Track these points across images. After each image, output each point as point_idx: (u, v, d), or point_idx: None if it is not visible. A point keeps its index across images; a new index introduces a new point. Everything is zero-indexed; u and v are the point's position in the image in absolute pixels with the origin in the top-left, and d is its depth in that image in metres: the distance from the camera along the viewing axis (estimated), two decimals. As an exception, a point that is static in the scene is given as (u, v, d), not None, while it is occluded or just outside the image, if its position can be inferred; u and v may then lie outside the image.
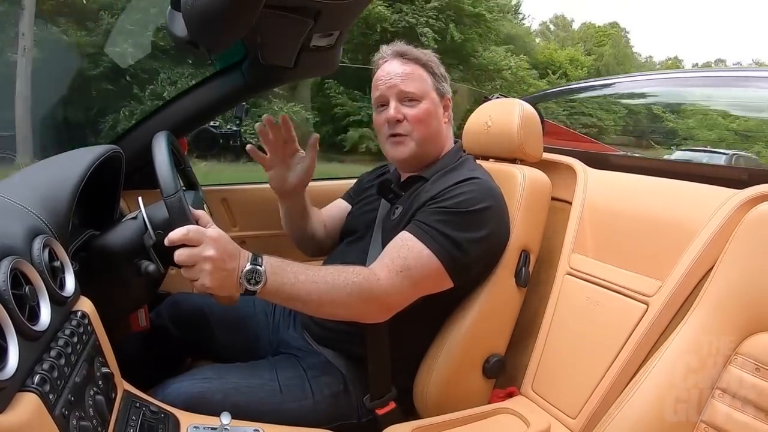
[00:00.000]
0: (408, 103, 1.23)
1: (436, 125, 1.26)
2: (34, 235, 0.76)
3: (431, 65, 1.27)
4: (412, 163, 1.27)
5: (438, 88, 1.27)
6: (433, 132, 1.25)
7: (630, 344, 1.03)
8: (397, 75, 1.24)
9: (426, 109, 1.23)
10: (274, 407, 1.10)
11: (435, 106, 1.25)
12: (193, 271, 0.91)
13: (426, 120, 1.23)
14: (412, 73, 1.24)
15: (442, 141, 1.29)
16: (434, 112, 1.25)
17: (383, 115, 1.25)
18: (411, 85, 1.23)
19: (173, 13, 1.10)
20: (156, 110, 1.61)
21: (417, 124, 1.23)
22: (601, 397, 1.04)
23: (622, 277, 1.12)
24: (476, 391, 1.25)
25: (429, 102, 1.24)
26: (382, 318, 1.10)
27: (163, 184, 0.95)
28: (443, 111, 1.28)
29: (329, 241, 1.46)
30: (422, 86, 1.24)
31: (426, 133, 1.24)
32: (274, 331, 1.36)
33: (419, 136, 1.23)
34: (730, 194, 1.01)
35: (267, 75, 1.56)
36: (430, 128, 1.24)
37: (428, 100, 1.24)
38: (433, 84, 1.26)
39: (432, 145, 1.26)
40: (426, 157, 1.27)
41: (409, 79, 1.23)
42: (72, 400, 0.67)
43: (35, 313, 0.68)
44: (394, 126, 1.24)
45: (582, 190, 1.31)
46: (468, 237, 1.10)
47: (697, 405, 0.81)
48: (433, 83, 1.26)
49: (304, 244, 1.46)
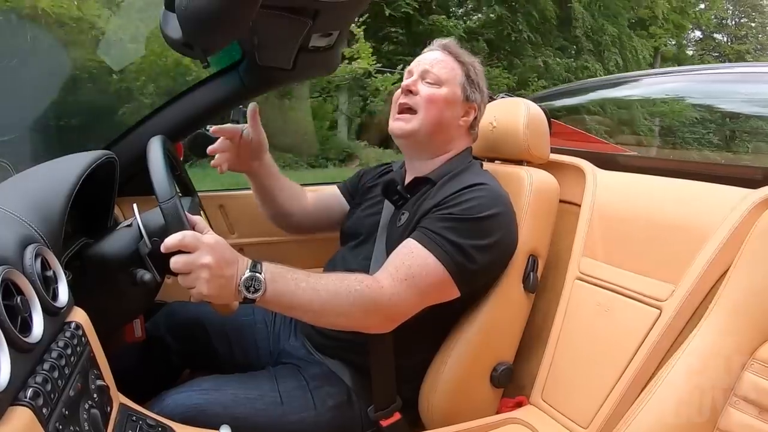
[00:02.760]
0: (428, 83, 1.24)
1: (449, 118, 1.25)
2: (26, 244, 0.75)
3: (469, 68, 1.28)
4: (410, 142, 1.27)
5: (466, 89, 1.26)
6: (443, 121, 1.24)
7: (643, 351, 1.03)
8: (430, 60, 1.27)
9: (443, 95, 1.23)
10: (275, 419, 1.10)
11: (455, 99, 1.25)
12: (189, 279, 0.91)
13: (438, 104, 1.23)
14: (444, 61, 1.26)
15: (449, 138, 1.27)
16: (451, 102, 1.24)
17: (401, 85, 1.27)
18: (437, 69, 1.25)
19: (167, 14, 1.10)
20: (151, 114, 1.60)
21: (429, 102, 1.23)
22: (614, 406, 1.04)
23: (633, 281, 1.11)
24: (484, 400, 1.24)
25: (449, 92, 1.24)
26: (385, 329, 1.09)
27: (158, 189, 0.95)
28: (463, 114, 1.27)
29: (309, 221, 1.48)
30: (449, 75, 1.25)
31: (434, 118, 1.23)
32: (275, 341, 1.36)
33: (426, 116, 1.23)
34: (744, 194, 1.01)
35: (265, 77, 1.56)
36: (441, 115, 1.23)
37: (449, 89, 1.24)
38: (463, 83, 1.26)
39: (437, 135, 1.25)
40: (429, 144, 1.26)
41: (439, 65, 1.25)
42: (66, 415, 0.67)
43: (27, 324, 0.67)
44: (407, 96, 1.25)
45: (591, 192, 1.30)
46: (475, 244, 1.09)
47: (712, 413, 0.81)
48: (463, 82, 1.26)
49: (278, 220, 1.48)
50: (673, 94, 2.26)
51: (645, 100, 2.43)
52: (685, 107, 2.22)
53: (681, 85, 2.09)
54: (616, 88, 2.52)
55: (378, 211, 1.30)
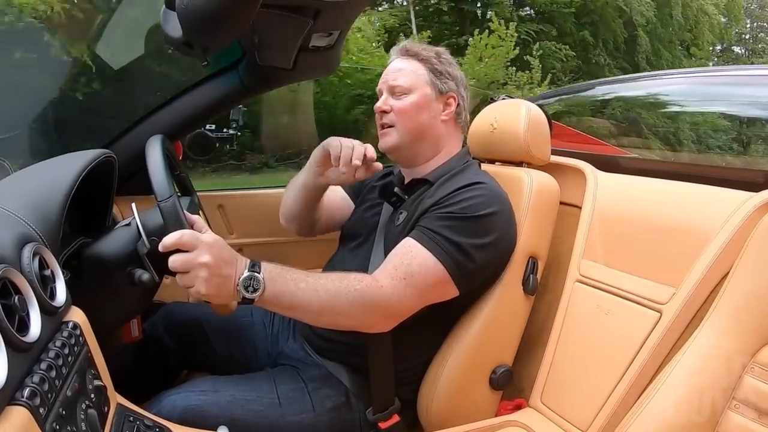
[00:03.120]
0: (397, 96, 1.26)
1: (427, 120, 1.26)
2: (24, 242, 0.75)
3: (432, 61, 1.28)
4: (400, 155, 1.29)
5: (435, 83, 1.27)
6: (422, 126, 1.26)
7: (643, 354, 1.03)
8: (392, 71, 1.28)
9: (413, 102, 1.25)
10: (273, 421, 1.10)
11: (426, 100, 1.26)
12: (187, 278, 0.91)
13: (410, 112, 1.25)
14: (405, 69, 1.27)
15: (437, 137, 1.28)
16: (423, 105, 1.26)
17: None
18: (401, 79, 1.26)
19: (167, 12, 1.10)
20: (150, 113, 1.60)
21: (401, 115, 1.25)
22: (613, 409, 1.04)
23: (634, 284, 1.11)
24: (483, 403, 1.24)
25: (419, 95, 1.25)
26: (385, 328, 1.09)
27: (156, 188, 0.95)
28: (443, 108, 1.28)
29: (321, 223, 1.46)
30: (413, 80, 1.26)
31: (411, 126, 1.25)
32: (273, 343, 1.36)
33: (403, 127, 1.25)
34: (746, 197, 1.01)
35: (265, 76, 1.56)
36: (416, 120, 1.25)
37: (418, 93, 1.25)
38: (430, 79, 1.27)
39: (421, 140, 1.27)
40: (416, 151, 1.28)
41: (401, 74, 1.27)
42: (63, 414, 0.66)
43: (25, 323, 0.67)
44: (381, 116, 1.27)
45: (592, 194, 1.30)
46: (474, 243, 1.10)
47: (712, 416, 0.80)
48: (429, 78, 1.27)
49: (303, 227, 1.46)
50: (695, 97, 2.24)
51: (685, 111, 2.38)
52: (717, 117, 2.21)
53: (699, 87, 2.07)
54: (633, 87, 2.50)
55: (378, 212, 1.31)
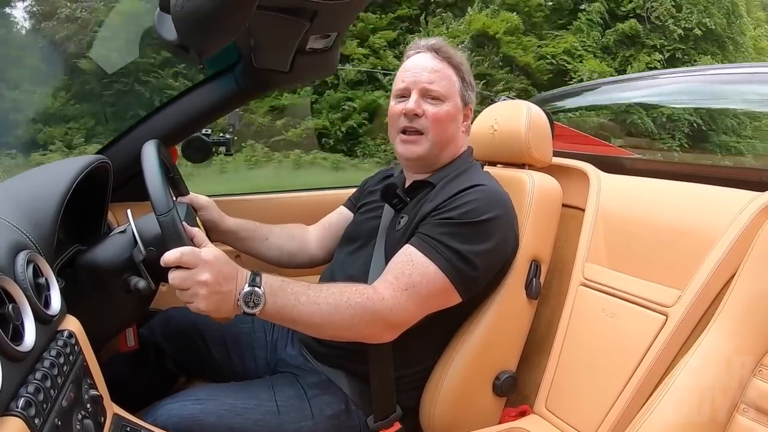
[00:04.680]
0: (430, 101, 1.22)
1: (453, 131, 1.25)
2: (18, 250, 0.75)
3: (462, 69, 1.26)
4: (420, 164, 1.26)
5: (464, 94, 1.26)
6: (449, 137, 1.24)
7: (649, 358, 1.03)
8: (426, 70, 1.23)
9: (448, 112, 1.22)
10: (272, 429, 1.09)
11: (457, 111, 1.24)
12: (187, 295, 0.92)
13: (445, 122, 1.22)
14: (441, 72, 1.23)
15: (455, 149, 1.28)
16: (455, 116, 1.24)
17: (401, 105, 1.23)
18: (437, 84, 1.22)
19: (162, 15, 1.10)
20: (145, 117, 1.60)
21: (435, 123, 1.21)
22: (620, 415, 1.04)
23: (639, 287, 1.11)
24: (486, 409, 1.24)
25: (452, 105, 1.23)
26: (387, 339, 1.09)
27: (155, 202, 0.94)
28: (463, 119, 1.27)
29: (322, 251, 1.45)
30: (449, 88, 1.23)
31: (442, 136, 1.22)
32: (272, 350, 1.36)
33: (435, 136, 1.21)
34: (751, 197, 1.01)
35: (261, 79, 1.56)
36: (447, 132, 1.23)
37: (452, 103, 1.23)
38: (460, 89, 1.25)
39: (445, 150, 1.25)
40: (436, 161, 1.25)
41: (438, 77, 1.22)
42: (59, 425, 0.66)
43: (19, 332, 0.67)
44: (412, 119, 1.21)
45: (595, 196, 1.30)
46: (475, 249, 1.09)
47: (720, 420, 0.80)
48: (460, 88, 1.25)
49: (288, 263, 1.43)
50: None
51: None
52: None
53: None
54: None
55: (378, 215, 1.30)
